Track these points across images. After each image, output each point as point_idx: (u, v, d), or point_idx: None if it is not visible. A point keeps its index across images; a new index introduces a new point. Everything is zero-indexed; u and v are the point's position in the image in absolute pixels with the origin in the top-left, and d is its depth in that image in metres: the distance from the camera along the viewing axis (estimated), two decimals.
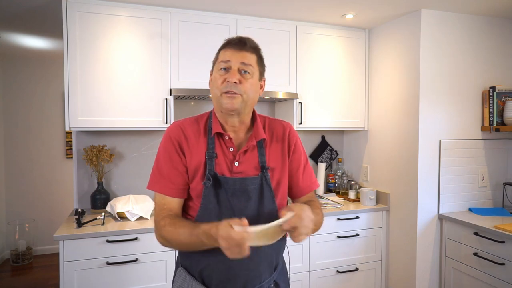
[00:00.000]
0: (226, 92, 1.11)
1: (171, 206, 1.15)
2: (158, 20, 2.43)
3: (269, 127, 1.26)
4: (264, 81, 1.23)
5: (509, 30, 2.71)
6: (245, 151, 1.18)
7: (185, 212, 1.20)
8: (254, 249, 1.11)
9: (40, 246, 4.24)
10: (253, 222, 0.98)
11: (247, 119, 1.21)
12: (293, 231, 0.98)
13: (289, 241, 1.18)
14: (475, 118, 2.65)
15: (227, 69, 1.12)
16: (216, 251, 1.09)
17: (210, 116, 1.22)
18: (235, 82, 1.10)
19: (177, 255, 1.29)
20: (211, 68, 1.21)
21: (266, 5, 2.45)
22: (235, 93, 1.10)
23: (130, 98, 2.40)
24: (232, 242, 0.92)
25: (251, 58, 1.14)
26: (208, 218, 1.11)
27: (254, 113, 1.24)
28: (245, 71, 1.12)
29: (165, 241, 1.11)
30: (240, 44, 1.13)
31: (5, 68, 4.05)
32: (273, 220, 0.99)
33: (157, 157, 1.19)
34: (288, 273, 1.36)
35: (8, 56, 4.00)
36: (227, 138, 1.18)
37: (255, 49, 1.16)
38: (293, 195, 1.31)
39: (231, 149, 1.18)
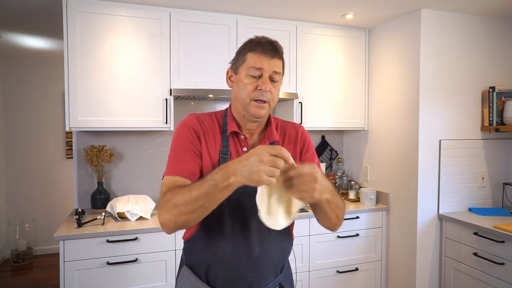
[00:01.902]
0: (256, 100, 1.11)
1: (181, 184, 1.06)
2: (158, 20, 2.43)
3: (282, 129, 1.26)
4: None
5: (509, 30, 2.71)
6: None
7: None
8: (261, 251, 1.12)
9: (40, 246, 4.24)
10: (261, 222, 0.97)
11: (264, 121, 1.23)
12: (294, 185, 0.93)
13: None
14: (475, 118, 2.66)
15: (258, 76, 1.11)
16: (223, 249, 1.09)
17: (225, 114, 1.22)
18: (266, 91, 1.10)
19: (181, 254, 1.29)
20: (231, 65, 1.19)
21: (266, 5, 2.45)
22: (265, 102, 1.11)
23: (130, 98, 2.40)
24: (270, 151, 0.87)
25: (280, 65, 1.13)
26: (217, 215, 1.09)
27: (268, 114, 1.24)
28: (275, 80, 1.12)
29: (173, 210, 0.97)
30: (273, 51, 1.11)
31: (5, 68, 4.05)
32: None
33: (171, 146, 1.16)
34: (294, 276, 1.35)
35: (8, 56, 4.00)
36: (242, 137, 1.18)
37: (282, 55, 1.16)
38: None
39: (245, 149, 1.18)
